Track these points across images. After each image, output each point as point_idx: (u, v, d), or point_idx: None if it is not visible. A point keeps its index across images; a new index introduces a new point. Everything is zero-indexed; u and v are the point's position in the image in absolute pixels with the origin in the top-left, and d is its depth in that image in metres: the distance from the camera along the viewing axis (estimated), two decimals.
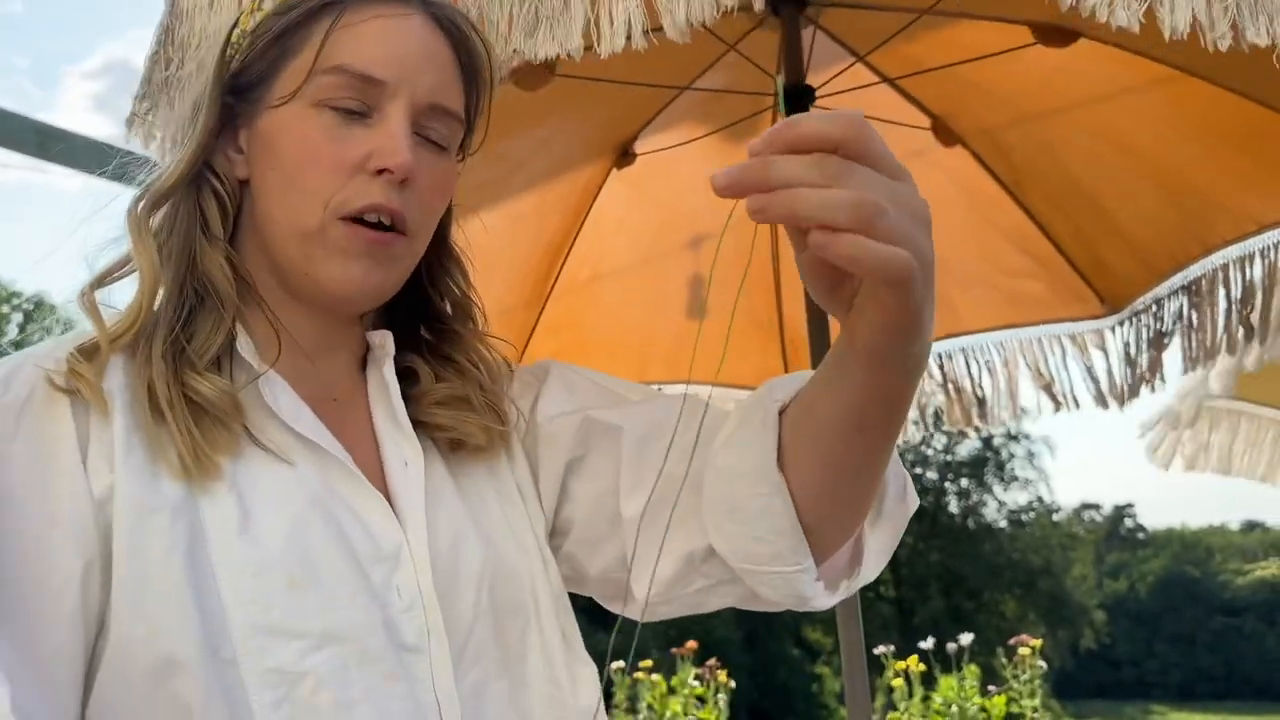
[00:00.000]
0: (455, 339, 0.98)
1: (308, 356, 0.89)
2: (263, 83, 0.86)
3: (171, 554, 0.74)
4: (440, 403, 0.93)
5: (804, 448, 0.82)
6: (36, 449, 0.75)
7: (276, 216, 0.86)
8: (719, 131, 2.27)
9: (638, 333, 2.63)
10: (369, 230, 0.84)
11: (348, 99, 0.84)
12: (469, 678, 0.83)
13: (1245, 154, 1.99)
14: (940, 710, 4.41)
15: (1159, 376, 2.29)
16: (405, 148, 0.83)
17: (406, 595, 0.82)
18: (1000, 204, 2.33)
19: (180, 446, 0.76)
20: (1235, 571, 46.18)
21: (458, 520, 0.89)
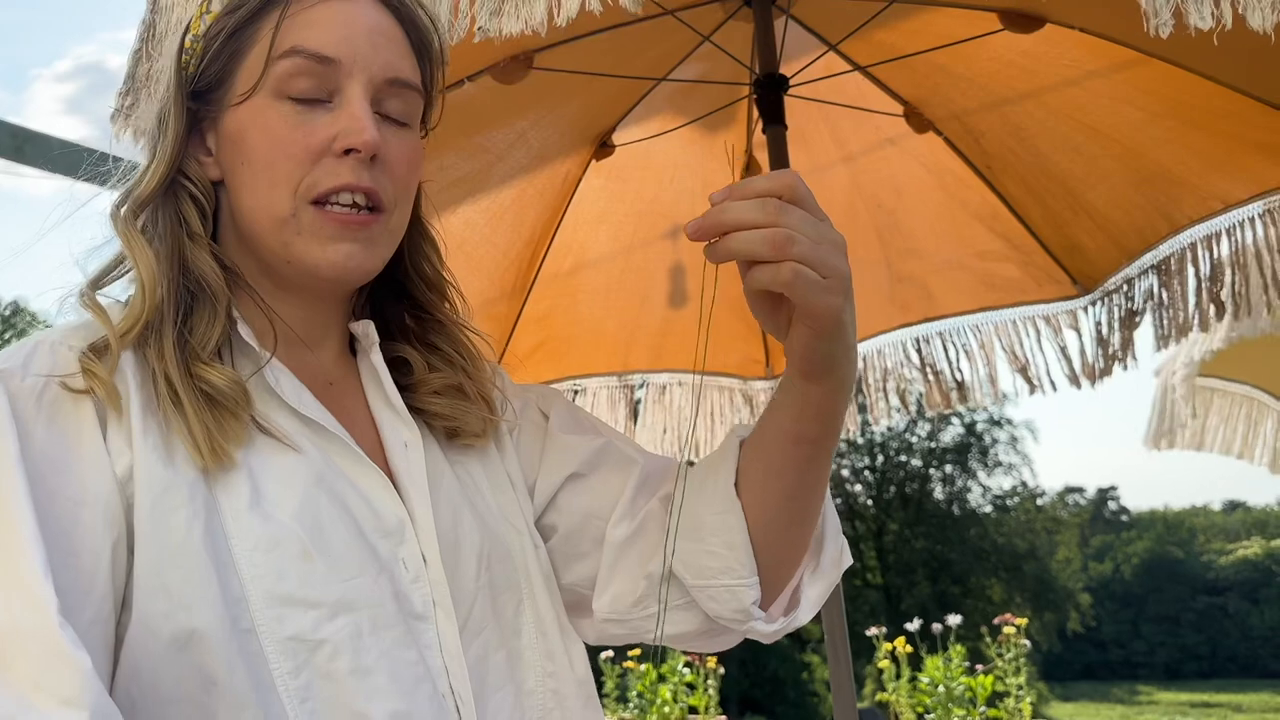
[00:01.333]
0: (439, 327, 1.01)
1: (302, 343, 0.92)
2: (221, 84, 0.88)
3: (190, 530, 0.76)
4: (438, 392, 0.97)
5: (754, 466, 0.93)
6: (60, 430, 0.77)
7: (251, 209, 0.87)
8: (696, 122, 2.29)
9: (621, 322, 2.66)
10: (341, 212, 0.86)
11: (307, 87, 0.86)
12: (473, 646, 0.87)
13: (1209, 134, 2.03)
14: (927, 690, 4.46)
15: (1131, 354, 2.33)
16: (369, 125, 0.85)
17: (412, 567, 0.85)
18: (973, 188, 2.37)
19: (196, 437, 0.78)
20: (1218, 551, 46.58)
21: (455, 499, 0.93)
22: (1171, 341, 2.27)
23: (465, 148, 1.93)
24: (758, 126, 2.32)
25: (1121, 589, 44.24)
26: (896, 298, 2.57)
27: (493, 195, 2.22)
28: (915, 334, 2.59)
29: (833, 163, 2.42)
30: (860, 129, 2.36)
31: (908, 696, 4.51)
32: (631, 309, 2.64)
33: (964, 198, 2.39)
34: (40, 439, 0.76)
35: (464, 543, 0.90)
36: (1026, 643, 4.60)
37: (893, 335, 2.62)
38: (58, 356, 0.80)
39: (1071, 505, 44.36)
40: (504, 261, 2.38)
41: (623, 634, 1.01)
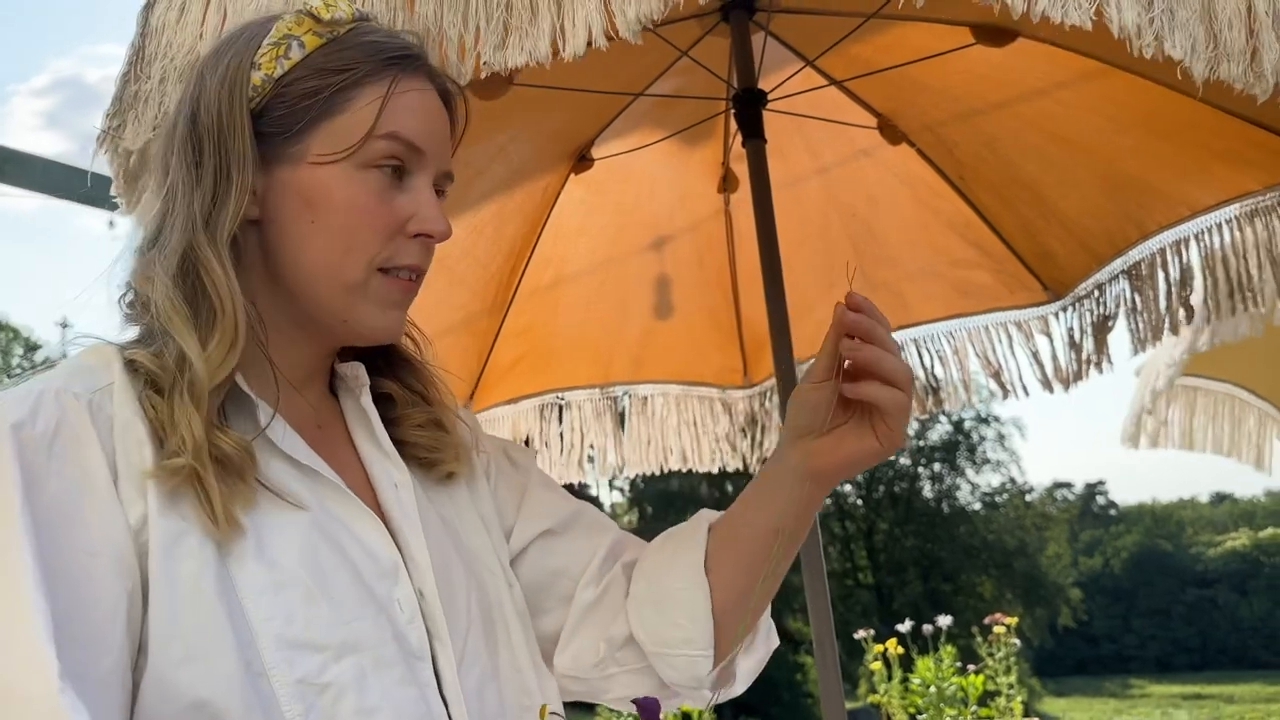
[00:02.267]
0: (409, 366, 1.04)
1: (295, 387, 0.94)
2: (294, 136, 0.89)
3: (202, 577, 0.78)
4: (420, 425, 1.01)
5: (727, 553, 1.00)
6: (72, 480, 0.77)
7: (312, 265, 0.89)
8: (674, 135, 2.32)
9: (602, 334, 2.69)
10: (405, 282, 0.92)
11: (394, 162, 0.90)
12: (470, 678, 0.90)
13: (1175, 142, 2.07)
14: (918, 691, 4.49)
15: (1106, 358, 2.37)
16: (442, 217, 0.93)
17: (407, 608, 0.88)
18: (946, 198, 2.40)
19: (214, 505, 0.79)
20: (1206, 543, 46.82)
21: (442, 537, 0.96)
22: (1148, 344, 2.31)
23: None
24: (735, 140, 2.36)
25: (1111, 583, 44.43)
26: None
27: (473, 210, 2.24)
28: None
29: (808, 174, 2.46)
30: (835, 141, 2.39)
31: (899, 697, 4.53)
32: (612, 321, 2.66)
33: (937, 207, 2.43)
34: (52, 490, 0.76)
35: (455, 579, 0.94)
36: (1016, 642, 4.63)
37: None
38: (65, 405, 0.79)
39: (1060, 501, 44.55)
40: (484, 275, 2.41)
41: (579, 690, 1.08)
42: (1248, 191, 2.04)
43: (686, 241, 2.60)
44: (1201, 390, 3.26)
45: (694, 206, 2.55)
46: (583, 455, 2.74)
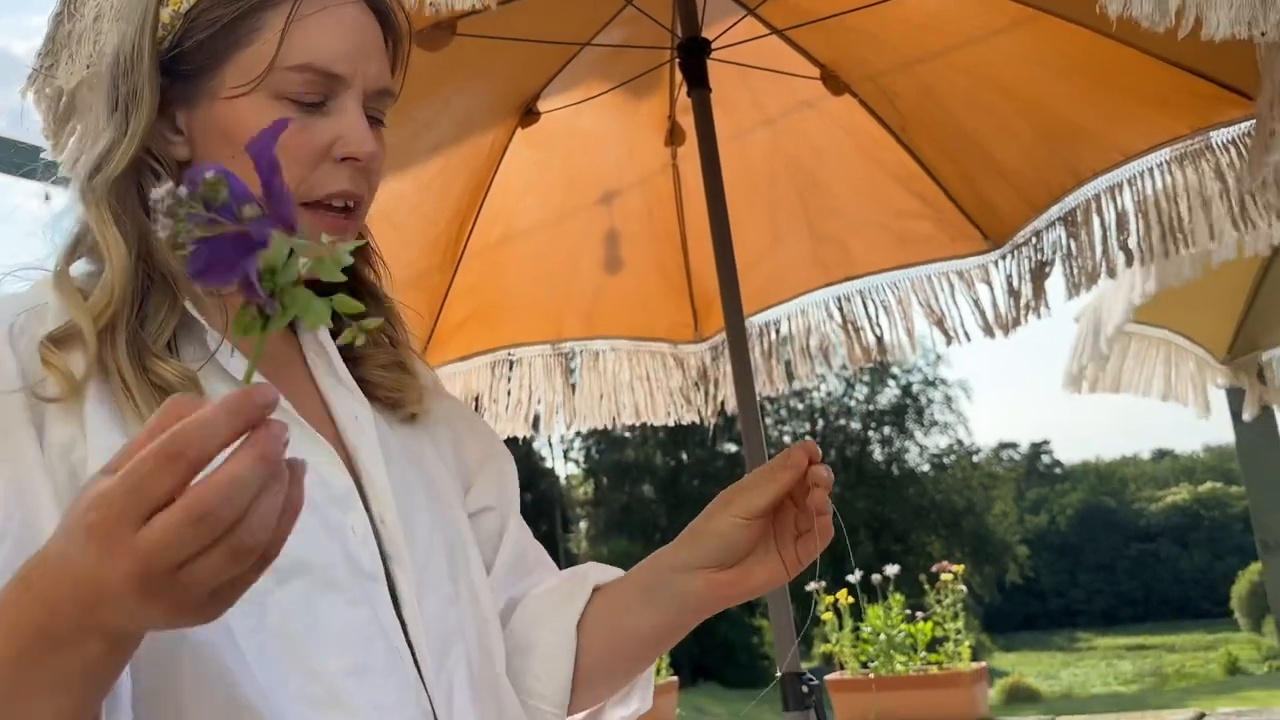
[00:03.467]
0: (372, 301, 1.03)
1: None
2: (207, 70, 0.88)
3: None
4: (383, 366, 1.00)
5: (602, 627, 1.02)
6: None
7: None
8: (620, 87, 2.33)
9: (552, 290, 2.70)
10: (332, 214, 0.89)
11: (309, 94, 0.87)
12: (430, 601, 0.91)
13: (1109, 89, 2.12)
14: (869, 639, 4.59)
15: (1044, 304, 2.43)
16: (369, 137, 0.88)
17: (360, 532, 0.88)
18: (889, 149, 2.44)
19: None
20: (1149, 499, 47.98)
21: (405, 469, 0.97)
22: (1083, 289, 2.37)
23: (390, 116, 1.95)
24: (681, 91, 2.37)
25: (1057, 540, 45.42)
26: (818, 258, 2.64)
27: (419, 165, 2.24)
28: (837, 293, 2.66)
29: (754, 126, 2.48)
30: (779, 93, 2.42)
31: (851, 646, 4.63)
32: (562, 277, 2.68)
33: (880, 158, 2.46)
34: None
35: (416, 506, 0.95)
36: (963, 588, 4.74)
37: (815, 295, 2.69)
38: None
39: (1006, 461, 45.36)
40: (433, 231, 2.41)
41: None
42: (1178, 135, 2.10)
43: (635, 196, 2.62)
44: (1138, 336, 3.34)
45: (642, 161, 2.57)
46: (530, 411, 2.76)
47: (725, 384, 2.87)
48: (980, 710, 4.34)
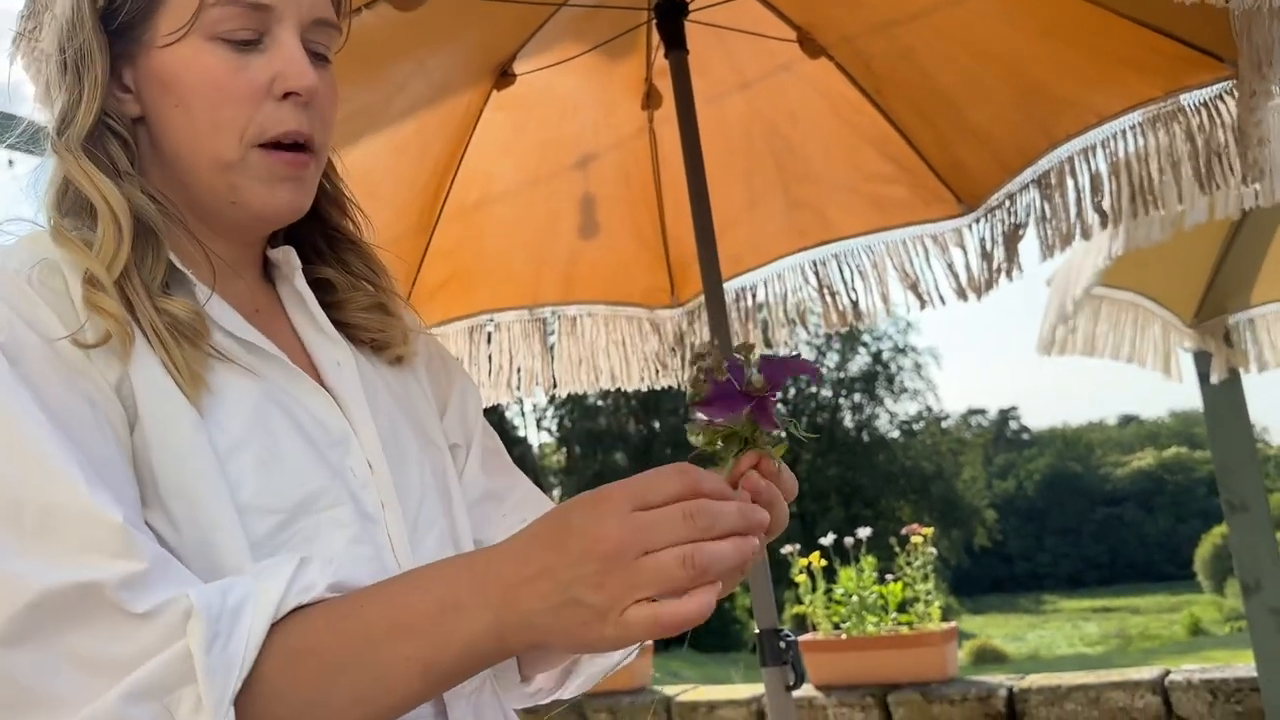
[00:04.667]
0: (352, 247, 1.04)
1: (227, 273, 0.93)
2: (142, 21, 0.87)
3: (198, 435, 0.81)
4: (365, 309, 1.01)
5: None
6: (38, 349, 0.78)
7: (189, 152, 0.88)
8: (596, 49, 2.32)
9: (529, 255, 2.69)
10: (287, 154, 0.89)
11: (240, 29, 0.86)
12: (425, 542, 0.92)
13: (1083, 51, 2.13)
14: (841, 600, 4.65)
15: (1016, 266, 2.45)
16: (309, 70, 0.88)
17: (360, 474, 0.90)
18: (864, 112, 2.44)
19: (178, 369, 0.81)
20: (1114, 464, 48.73)
21: (391, 410, 0.97)
22: (1056, 251, 2.39)
23: (364, 78, 1.93)
24: (658, 54, 2.36)
25: (1025, 504, 46.07)
26: (794, 223, 2.65)
27: (394, 127, 2.22)
28: (812, 257, 2.67)
29: (730, 90, 2.48)
30: (756, 55, 2.41)
31: (823, 608, 4.69)
32: (539, 241, 2.67)
33: (856, 122, 2.47)
34: (29, 360, 0.77)
35: (405, 449, 0.95)
36: (933, 550, 4.81)
37: (791, 260, 2.70)
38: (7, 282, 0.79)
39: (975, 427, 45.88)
40: (409, 195, 2.39)
41: None
42: (1151, 98, 2.11)
43: (611, 160, 2.61)
44: (1107, 299, 3.37)
45: (618, 124, 2.56)
46: (510, 376, 2.76)
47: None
48: (951, 669, 4.42)
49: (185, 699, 0.68)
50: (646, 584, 0.68)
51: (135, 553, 0.71)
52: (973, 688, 4.23)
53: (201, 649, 0.68)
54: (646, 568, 0.68)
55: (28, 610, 0.67)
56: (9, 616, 0.67)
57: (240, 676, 0.69)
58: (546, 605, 0.70)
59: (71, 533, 0.70)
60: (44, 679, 0.67)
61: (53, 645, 0.68)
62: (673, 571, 0.68)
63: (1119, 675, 4.13)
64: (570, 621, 0.70)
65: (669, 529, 0.68)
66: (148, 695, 0.67)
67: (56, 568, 0.69)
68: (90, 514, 0.71)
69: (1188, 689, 3.96)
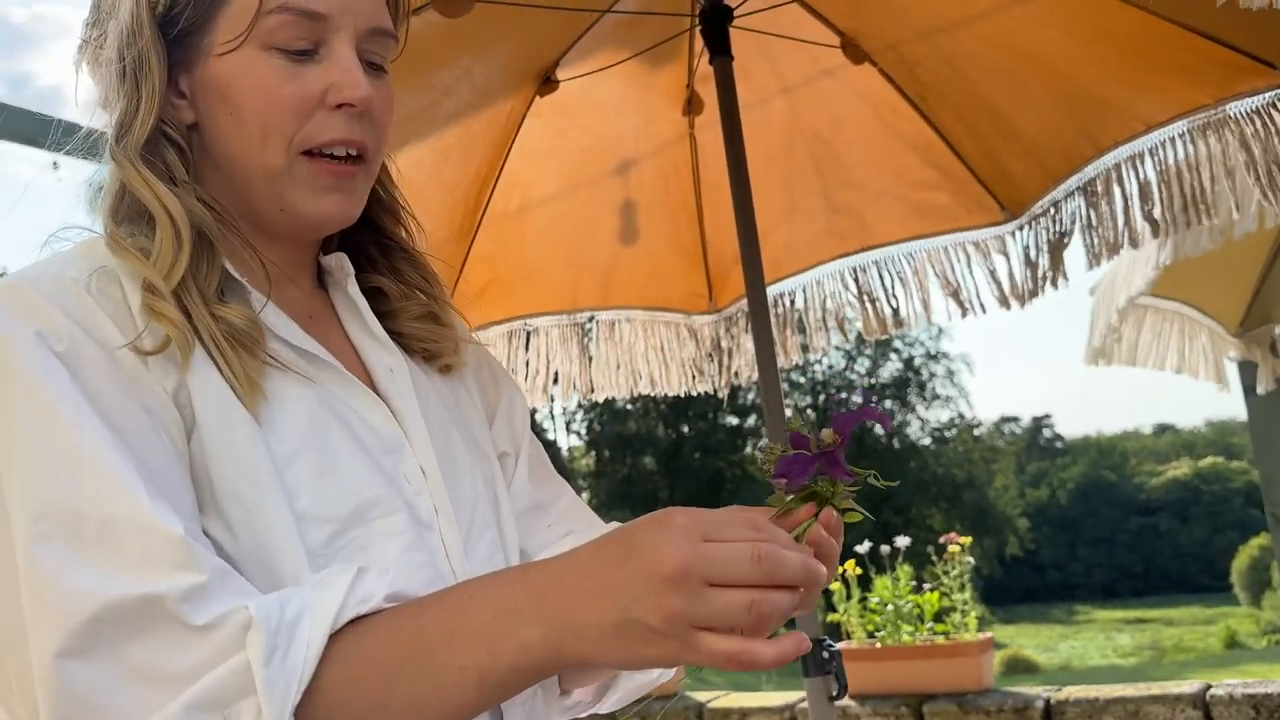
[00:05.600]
0: (405, 256, 1.04)
1: (281, 280, 0.94)
2: (199, 29, 0.88)
3: (255, 444, 0.81)
4: (417, 318, 1.01)
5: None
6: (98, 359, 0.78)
7: (241, 160, 0.89)
8: (638, 56, 2.32)
9: (568, 260, 2.70)
10: (333, 163, 0.89)
11: (294, 39, 0.87)
12: (479, 549, 0.93)
13: (1130, 58, 2.11)
14: (876, 609, 4.61)
15: (1061, 274, 2.43)
16: (362, 81, 0.88)
17: (414, 480, 0.90)
18: (907, 118, 2.43)
19: (236, 377, 0.81)
20: (1149, 473, 48.12)
21: (443, 418, 0.98)
22: (1103, 259, 2.36)
23: (411, 84, 1.94)
24: (700, 60, 2.36)
25: (1058, 513, 45.60)
26: (834, 229, 2.64)
27: (439, 133, 2.23)
28: (852, 264, 2.66)
29: (772, 95, 2.47)
30: (798, 61, 2.41)
31: (858, 616, 4.65)
32: (579, 246, 2.67)
33: (898, 128, 2.45)
34: (88, 371, 0.77)
35: (457, 456, 0.96)
36: (970, 560, 4.77)
37: (831, 266, 2.69)
38: (66, 290, 0.79)
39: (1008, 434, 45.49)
40: (450, 200, 2.40)
41: None
42: (1200, 105, 2.09)
43: (651, 166, 2.61)
44: (1152, 309, 3.33)
45: (659, 130, 2.56)
46: (548, 381, 2.77)
47: (738, 355, 2.88)
48: (986, 680, 4.37)
49: (245, 711, 0.68)
50: (709, 616, 0.68)
51: (195, 565, 0.71)
52: (1009, 699, 4.19)
53: (261, 661, 0.68)
54: (713, 601, 0.68)
55: (89, 623, 0.68)
56: (71, 630, 0.68)
57: (300, 688, 0.69)
58: (604, 621, 0.70)
59: (132, 545, 0.70)
60: (105, 692, 0.67)
61: (114, 658, 0.68)
62: (738, 614, 0.68)
63: (1159, 689, 4.07)
64: (626, 639, 0.70)
65: (735, 567, 0.69)
66: (208, 708, 0.67)
67: (118, 580, 0.69)
68: (151, 526, 0.71)
69: (1230, 703, 3.90)
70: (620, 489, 30.66)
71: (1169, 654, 23.67)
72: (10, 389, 0.74)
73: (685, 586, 0.68)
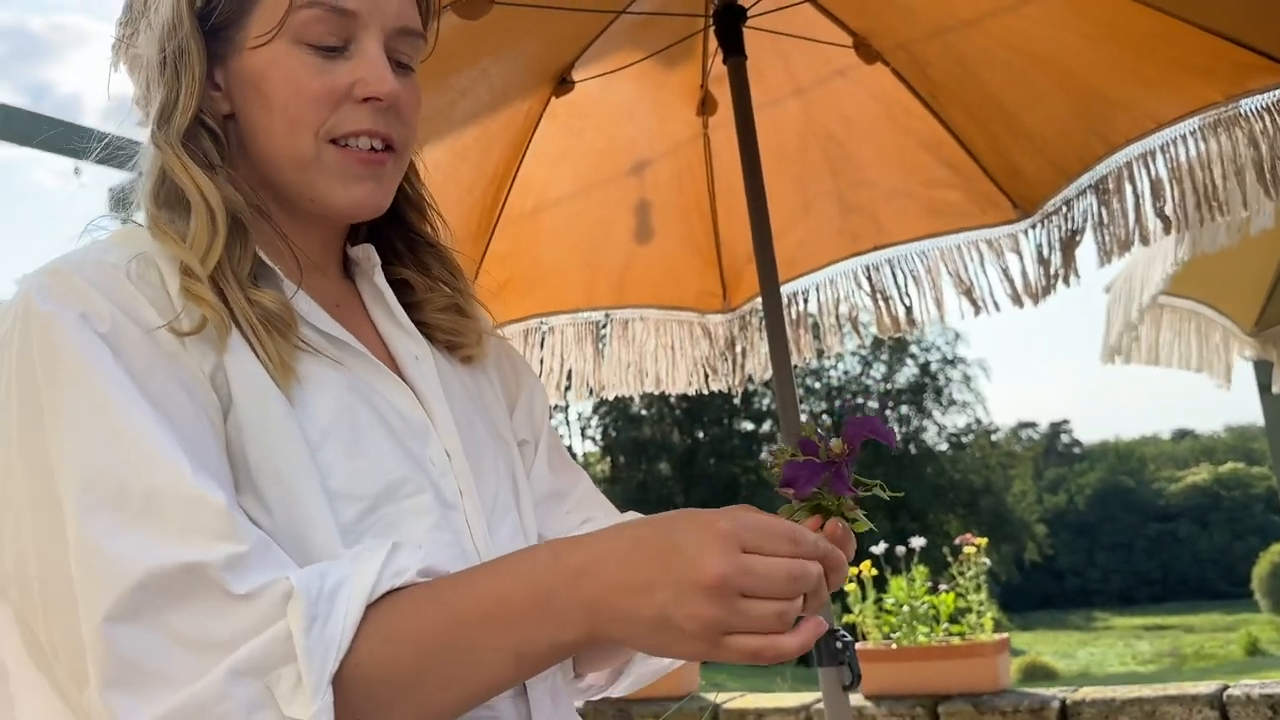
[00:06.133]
0: (430, 250, 1.07)
1: (310, 268, 0.97)
2: (235, 22, 0.91)
3: (290, 425, 0.83)
4: (441, 309, 1.04)
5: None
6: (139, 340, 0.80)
7: (271, 151, 0.92)
8: (654, 56, 2.35)
9: (583, 259, 2.72)
10: (360, 152, 0.92)
11: (325, 35, 0.90)
12: (501, 530, 0.95)
13: (1141, 55, 2.12)
14: (892, 609, 4.61)
15: (1073, 272, 2.44)
16: (389, 76, 0.91)
17: (439, 464, 0.93)
18: (919, 117, 2.44)
19: (271, 358, 0.84)
20: (1168, 479, 47.78)
21: (466, 405, 1.01)
22: (1114, 257, 2.37)
23: (429, 84, 1.97)
24: (714, 60, 2.39)
25: (1076, 519, 45.33)
26: (847, 228, 2.65)
27: (456, 133, 2.26)
28: (865, 262, 2.68)
29: (785, 95, 2.49)
30: (811, 61, 2.43)
31: (873, 617, 4.66)
32: (594, 246, 2.70)
33: (910, 127, 2.47)
34: (130, 352, 0.79)
35: (481, 441, 0.99)
36: (986, 561, 4.76)
37: (844, 265, 2.70)
38: (107, 276, 0.82)
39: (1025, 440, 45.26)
40: (468, 200, 2.43)
41: None
42: (1211, 102, 2.10)
43: (666, 165, 2.63)
44: (1169, 307, 3.33)
45: (673, 130, 2.58)
46: (560, 379, 2.80)
47: (752, 354, 2.89)
48: (1003, 680, 4.37)
49: (285, 678, 0.70)
50: (742, 625, 0.72)
51: (238, 535, 0.73)
52: (1025, 699, 4.18)
53: (301, 630, 0.70)
54: (746, 611, 0.72)
55: (136, 589, 0.70)
56: (117, 595, 0.70)
57: (338, 657, 0.71)
58: (640, 618, 0.73)
59: (176, 514, 0.73)
60: (150, 656, 0.70)
61: (158, 623, 0.70)
62: (769, 624, 0.72)
63: (1175, 689, 4.06)
64: (658, 635, 0.73)
65: (772, 583, 0.72)
66: (250, 674, 0.69)
67: (163, 548, 0.71)
68: (194, 496, 0.73)
69: (1247, 704, 3.88)
70: (635, 494, 30.64)
71: (1189, 661, 23.48)
72: (57, 369, 0.77)
73: (723, 598, 0.71)
